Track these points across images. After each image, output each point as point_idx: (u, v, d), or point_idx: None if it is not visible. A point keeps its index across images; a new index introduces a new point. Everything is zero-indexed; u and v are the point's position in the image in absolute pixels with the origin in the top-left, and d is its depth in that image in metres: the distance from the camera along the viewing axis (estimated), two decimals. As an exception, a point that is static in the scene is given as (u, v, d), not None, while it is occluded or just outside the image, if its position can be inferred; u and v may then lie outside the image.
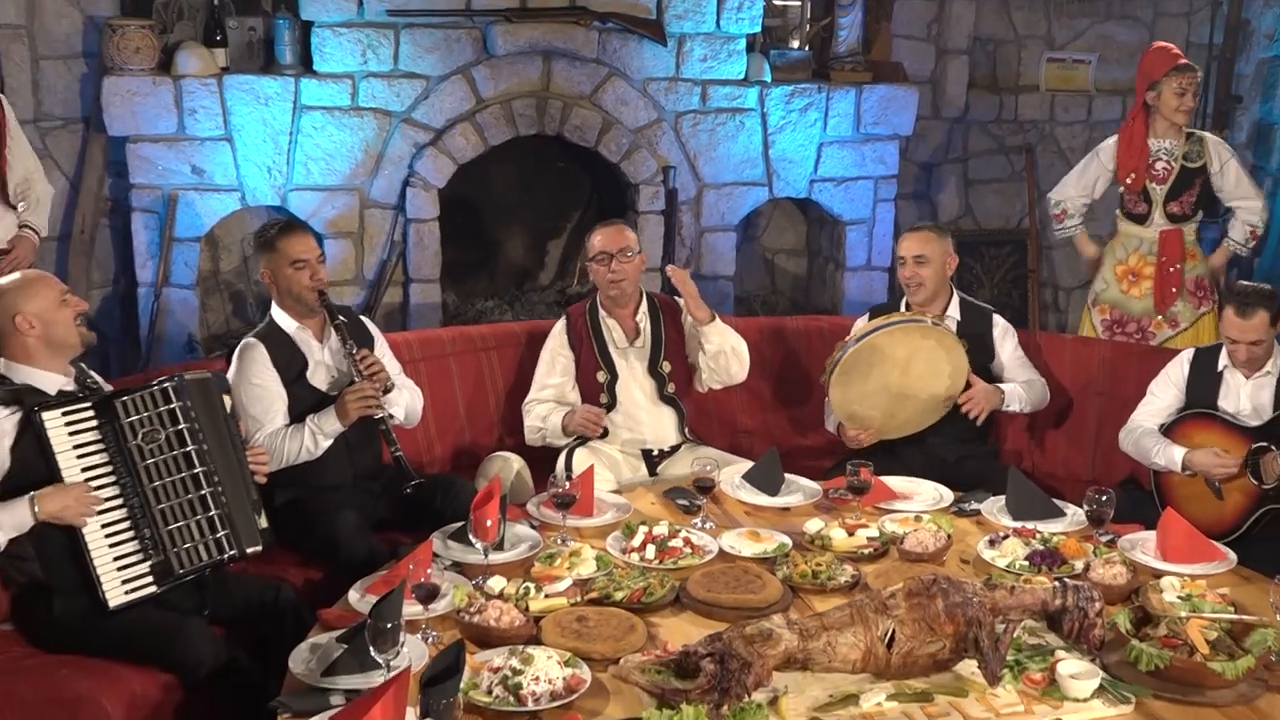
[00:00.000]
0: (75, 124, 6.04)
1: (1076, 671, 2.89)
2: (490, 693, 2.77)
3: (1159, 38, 7.30)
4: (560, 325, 4.57)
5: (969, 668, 2.91)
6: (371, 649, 2.75)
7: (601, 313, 4.54)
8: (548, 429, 4.44)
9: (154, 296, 5.88)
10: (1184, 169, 5.19)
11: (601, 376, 4.46)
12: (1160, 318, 5.22)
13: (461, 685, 2.77)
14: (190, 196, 5.85)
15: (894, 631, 2.87)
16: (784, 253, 7.14)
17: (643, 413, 4.50)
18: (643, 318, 4.56)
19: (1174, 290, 5.18)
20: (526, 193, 6.62)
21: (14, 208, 4.64)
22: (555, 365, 4.53)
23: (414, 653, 2.85)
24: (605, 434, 4.48)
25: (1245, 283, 4.41)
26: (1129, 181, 5.26)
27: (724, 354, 4.41)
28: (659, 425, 4.52)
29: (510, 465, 4.33)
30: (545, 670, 2.82)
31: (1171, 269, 5.20)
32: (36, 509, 3.19)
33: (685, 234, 6.39)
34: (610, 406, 4.47)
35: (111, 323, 6.16)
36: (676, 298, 4.54)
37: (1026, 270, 7.26)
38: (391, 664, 2.70)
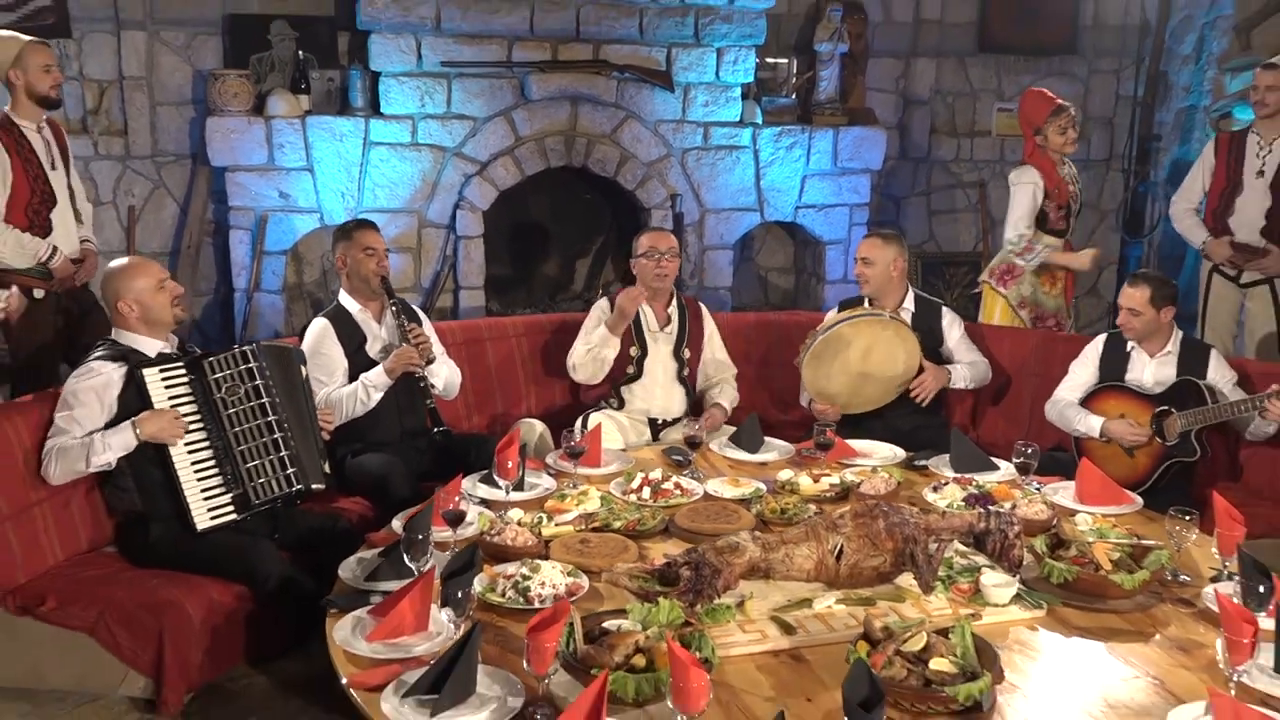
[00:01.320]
0: (185, 158, 6.10)
1: (998, 582, 2.86)
2: (504, 594, 2.78)
3: (1092, 92, 7.34)
4: (603, 302, 4.47)
5: (908, 580, 2.88)
6: (405, 557, 2.78)
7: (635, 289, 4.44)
8: (595, 339, 4.34)
9: (247, 301, 5.92)
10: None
11: (634, 351, 4.40)
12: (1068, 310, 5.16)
13: (479, 589, 2.80)
14: (278, 217, 5.88)
15: (842, 546, 2.85)
16: (775, 270, 7.09)
17: (659, 388, 4.45)
18: (673, 310, 4.52)
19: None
20: (558, 218, 6.61)
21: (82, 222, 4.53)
22: (594, 333, 4.39)
23: (439, 562, 2.87)
24: (621, 404, 4.44)
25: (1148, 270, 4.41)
26: (1057, 203, 5.12)
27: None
28: (670, 399, 4.47)
29: (534, 429, 4.33)
30: (550, 577, 2.83)
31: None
32: (138, 430, 3.25)
33: (690, 252, 6.36)
34: (635, 377, 4.42)
35: (212, 323, 6.19)
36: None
37: (980, 284, 7.22)
38: (420, 569, 2.73)
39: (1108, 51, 7.26)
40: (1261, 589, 2.58)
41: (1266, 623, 2.54)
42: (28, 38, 4.33)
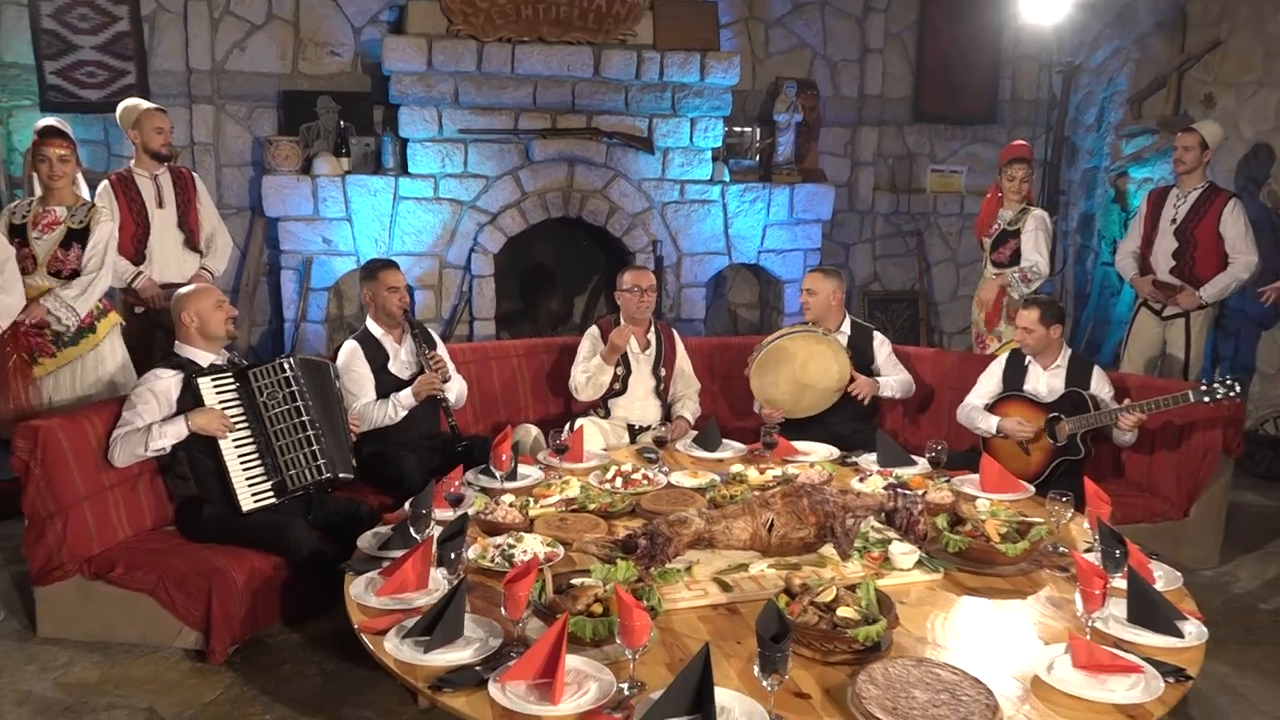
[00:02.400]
0: (244, 211, 6.19)
1: (903, 551, 2.95)
2: (492, 560, 2.87)
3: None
4: (594, 330, 4.53)
5: (830, 550, 2.95)
6: (410, 529, 2.89)
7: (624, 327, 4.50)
8: (592, 367, 4.39)
9: (295, 330, 5.99)
10: (1003, 231, 5.15)
11: (620, 371, 4.46)
12: (990, 334, 5.19)
13: (473, 557, 2.90)
14: (321, 259, 5.95)
15: (773, 520, 2.93)
16: (743, 305, 7.10)
17: (638, 400, 4.52)
18: (651, 336, 4.58)
19: (997, 315, 5.13)
20: (558, 261, 6.64)
21: (199, 253, 4.70)
22: (594, 352, 4.45)
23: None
24: (608, 414, 4.51)
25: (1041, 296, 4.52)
26: (981, 236, 5.27)
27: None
28: (647, 409, 4.54)
29: (530, 432, 4.40)
30: (532, 546, 2.93)
31: (996, 300, 5.15)
32: (189, 422, 3.35)
33: (669, 289, 6.39)
34: (620, 392, 4.49)
35: (266, 349, 6.23)
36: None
37: (918, 319, 7.30)
38: (422, 539, 2.83)
39: (1023, 121, 7.32)
40: (1117, 554, 2.68)
41: (1122, 583, 2.65)
42: (147, 104, 4.52)
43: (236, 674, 3.11)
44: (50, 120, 4.36)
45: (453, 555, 2.62)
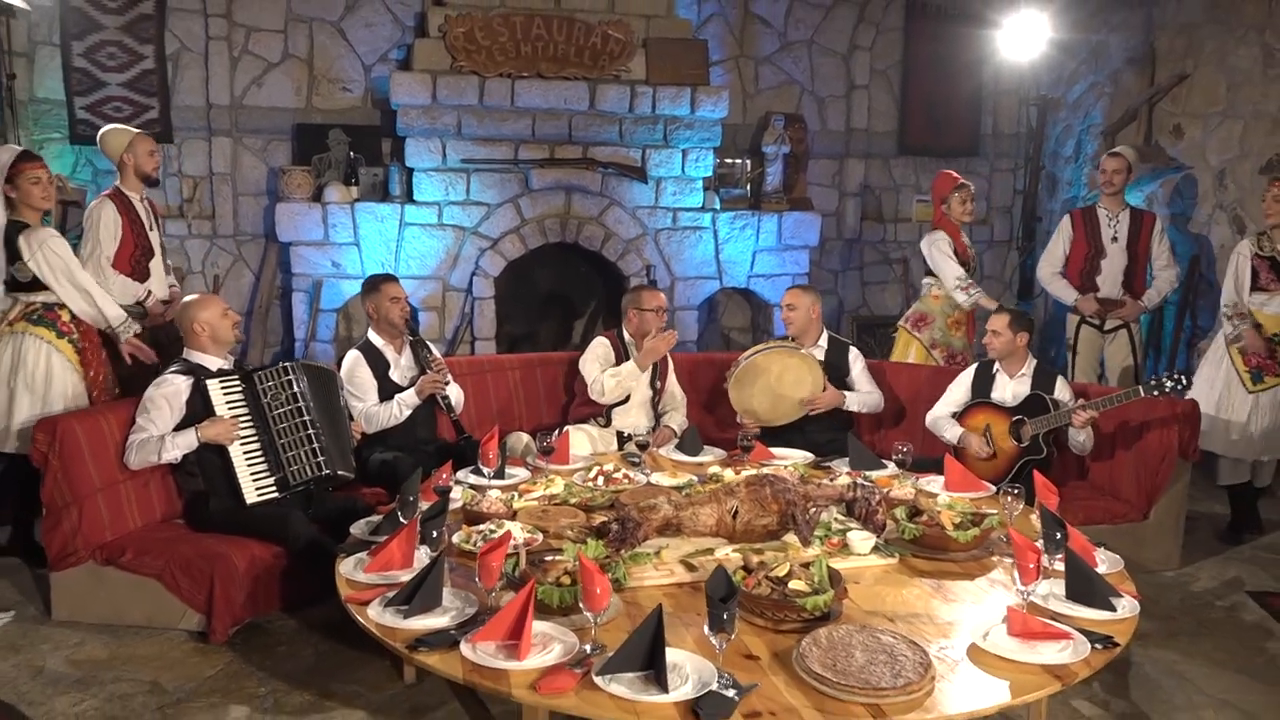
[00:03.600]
0: (259, 237, 6.42)
1: (861, 537, 3.09)
2: (474, 544, 3.00)
3: (994, 189, 7.58)
4: (604, 339, 4.64)
5: (793, 539, 3.07)
6: (399, 514, 3.04)
7: (628, 340, 4.66)
8: (624, 372, 4.48)
9: (305, 349, 6.15)
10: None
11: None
12: (970, 348, 5.34)
13: (458, 541, 3.05)
14: (331, 283, 6.13)
15: (738, 508, 3.08)
16: (736, 329, 7.22)
17: (635, 410, 4.65)
18: None
19: (973, 329, 5.27)
20: (557, 284, 6.78)
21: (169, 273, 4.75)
22: (620, 368, 4.53)
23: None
24: (608, 423, 4.62)
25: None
26: (959, 262, 5.34)
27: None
28: (640, 419, 4.66)
29: (521, 439, 4.51)
30: (512, 531, 3.09)
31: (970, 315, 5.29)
32: (200, 434, 3.52)
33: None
34: (623, 402, 4.61)
35: None
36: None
37: (896, 329, 7.39)
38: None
39: (1005, 154, 7.52)
40: (1058, 535, 2.81)
41: (1061, 565, 2.78)
42: (136, 130, 4.69)
43: (236, 653, 3.25)
44: (17, 146, 4.53)
45: (434, 533, 2.78)
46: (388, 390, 4.29)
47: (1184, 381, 3.72)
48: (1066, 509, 3.73)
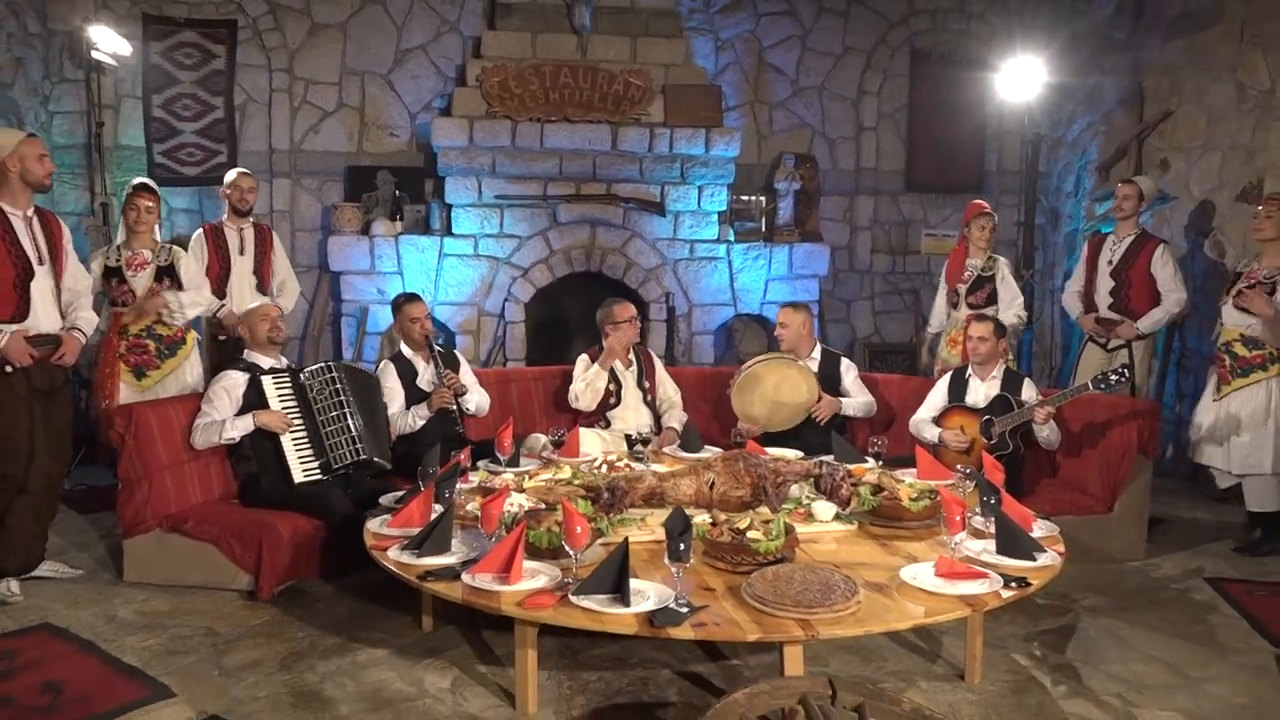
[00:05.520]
0: (314, 268, 6.95)
1: (824, 507, 3.45)
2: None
3: (1000, 223, 7.80)
4: (584, 356, 5.10)
5: (765, 510, 3.42)
6: (419, 483, 3.48)
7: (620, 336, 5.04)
8: (590, 375, 4.95)
9: None
10: (979, 277, 5.56)
11: (612, 386, 5.01)
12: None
13: (470, 509, 3.45)
14: (376, 308, 6.61)
15: (714, 480, 3.44)
16: (751, 355, 7.40)
17: (631, 410, 5.04)
18: (632, 356, 5.14)
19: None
20: (582, 310, 6.92)
21: (266, 295, 5.32)
22: (587, 372, 5.01)
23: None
24: (609, 425, 5.01)
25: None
26: (950, 283, 5.67)
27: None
28: (640, 418, 5.03)
29: (539, 439, 4.81)
30: (518, 500, 3.48)
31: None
32: (255, 419, 4.00)
33: (680, 336, 6.91)
34: (616, 404, 5.02)
35: None
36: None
37: (917, 368, 7.68)
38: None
39: (1009, 190, 7.80)
40: (992, 500, 3.16)
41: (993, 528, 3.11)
42: (239, 169, 5.38)
43: (279, 608, 3.69)
44: (144, 178, 5.18)
45: (446, 493, 3.21)
46: (415, 395, 4.72)
47: (1125, 375, 4.06)
48: (1037, 501, 4.09)
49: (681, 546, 2.61)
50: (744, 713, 2.20)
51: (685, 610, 2.57)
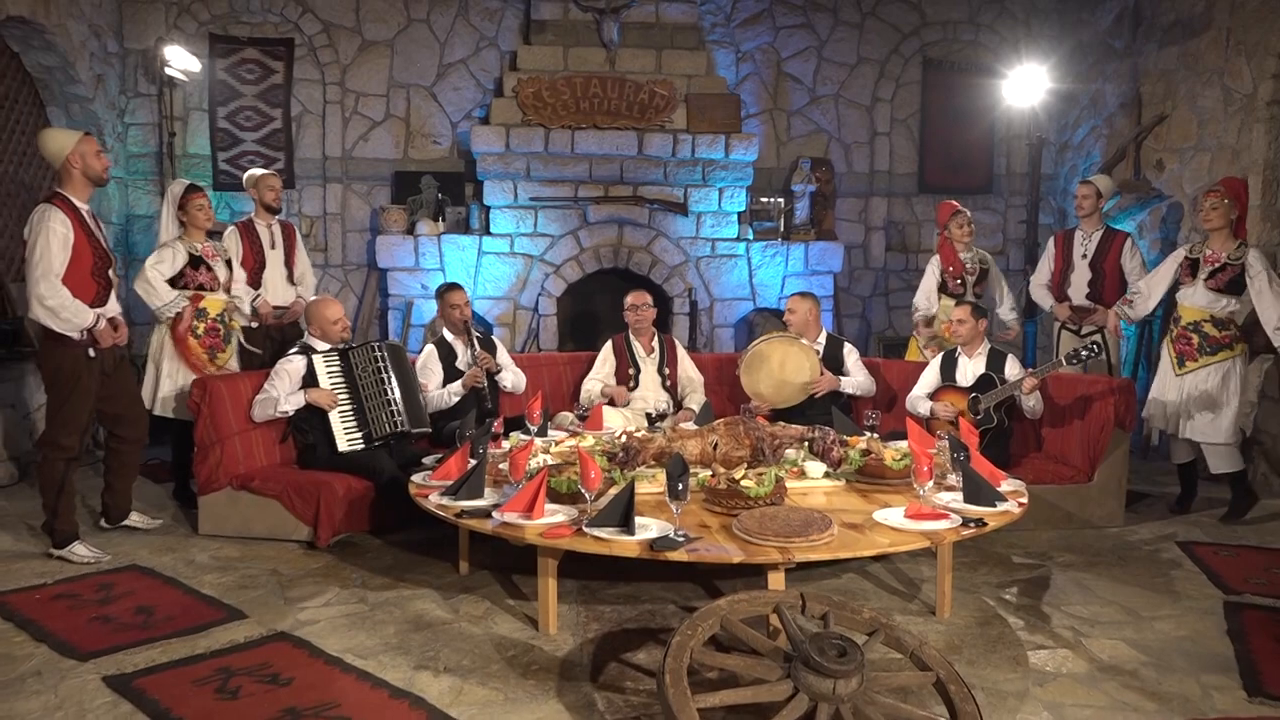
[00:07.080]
0: (363, 266, 7.43)
1: (816, 466, 3.82)
2: (514, 467, 3.85)
3: (1008, 223, 8.16)
4: (609, 344, 5.51)
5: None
6: (456, 442, 3.90)
7: (632, 338, 5.49)
8: (592, 391, 5.39)
9: None
10: (981, 270, 5.94)
11: (632, 371, 5.41)
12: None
13: (502, 467, 3.88)
14: (420, 302, 7.05)
15: (717, 441, 3.85)
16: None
17: (650, 393, 5.43)
18: (655, 343, 5.53)
19: None
20: (610, 303, 7.28)
21: (294, 285, 5.67)
22: (605, 363, 5.44)
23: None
24: (628, 404, 5.40)
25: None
26: (953, 275, 5.92)
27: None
28: (658, 399, 5.42)
29: (568, 416, 5.25)
30: (542, 458, 3.91)
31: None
32: (307, 396, 4.44)
33: (702, 329, 7.28)
34: (635, 386, 5.41)
35: None
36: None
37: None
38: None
39: (1017, 192, 8.11)
40: (960, 456, 3.52)
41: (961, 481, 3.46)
42: (263, 170, 5.74)
43: (334, 555, 4.13)
44: (188, 180, 5.48)
45: (480, 448, 3.63)
46: (453, 375, 5.14)
47: (1096, 350, 4.39)
48: (1023, 472, 4.42)
49: (680, 486, 3.00)
50: (725, 614, 2.59)
51: (682, 539, 2.96)
